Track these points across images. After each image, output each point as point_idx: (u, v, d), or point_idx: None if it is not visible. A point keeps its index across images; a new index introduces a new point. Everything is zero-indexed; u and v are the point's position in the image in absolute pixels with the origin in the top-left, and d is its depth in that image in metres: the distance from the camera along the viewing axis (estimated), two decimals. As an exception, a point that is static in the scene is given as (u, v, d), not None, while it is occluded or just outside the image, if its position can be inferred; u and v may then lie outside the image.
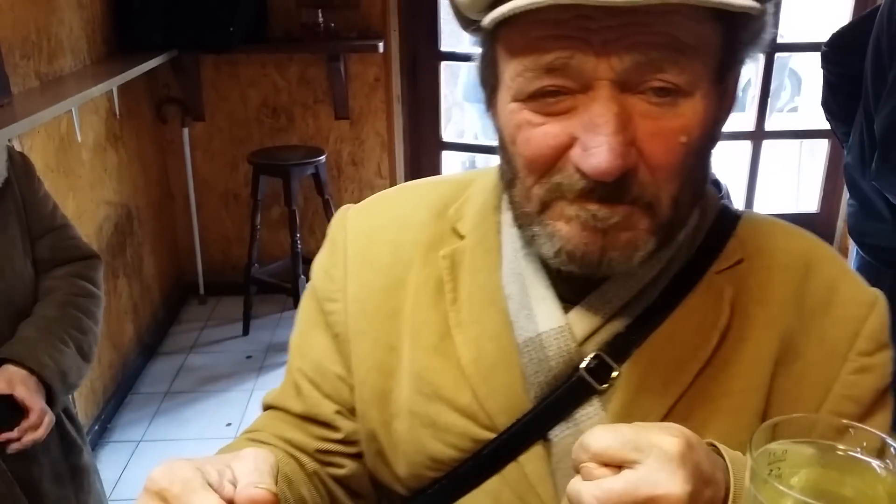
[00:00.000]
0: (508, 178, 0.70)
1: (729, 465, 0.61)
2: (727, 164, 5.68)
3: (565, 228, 0.66)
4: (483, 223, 0.80)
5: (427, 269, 0.80)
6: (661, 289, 0.73)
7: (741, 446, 0.65)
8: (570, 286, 0.74)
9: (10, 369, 1.39)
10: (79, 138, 2.82)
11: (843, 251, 4.06)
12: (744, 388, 0.72)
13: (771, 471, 0.54)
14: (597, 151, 0.60)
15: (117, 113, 3.23)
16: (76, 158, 2.85)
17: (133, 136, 3.46)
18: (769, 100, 4.28)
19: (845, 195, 4.07)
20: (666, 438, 0.57)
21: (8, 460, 1.40)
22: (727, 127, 0.72)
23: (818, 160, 4.52)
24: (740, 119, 5.66)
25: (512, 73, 0.65)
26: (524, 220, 0.70)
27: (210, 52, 3.64)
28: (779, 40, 4.09)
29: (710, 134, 0.66)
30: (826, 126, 2.47)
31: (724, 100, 0.68)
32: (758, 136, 4.23)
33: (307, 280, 0.91)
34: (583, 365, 0.72)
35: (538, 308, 0.74)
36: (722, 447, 0.63)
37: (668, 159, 0.63)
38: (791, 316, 0.74)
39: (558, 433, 0.74)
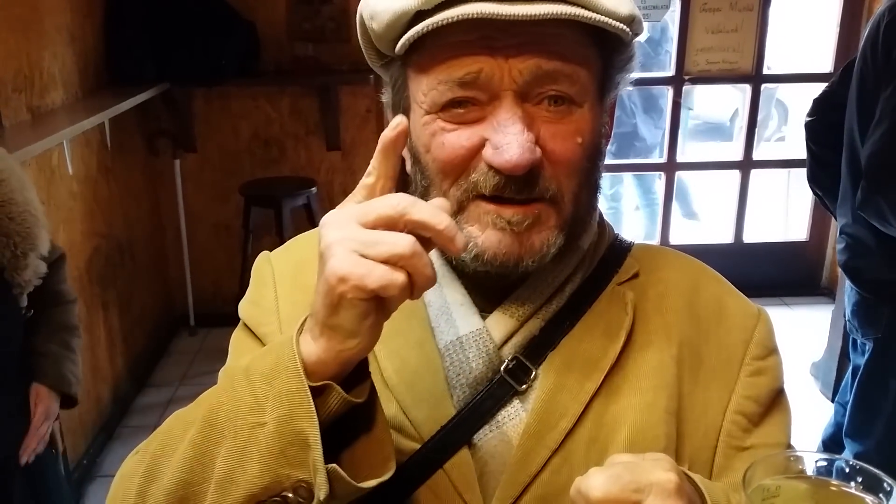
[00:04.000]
0: (423, 187, 0.76)
1: (704, 491, 0.63)
2: (716, 193, 5.73)
3: (482, 236, 0.72)
4: None
5: None
6: (570, 295, 0.80)
7: (656, 440, 0.74)
8: (485, 295, 0.79)
9: (45, 394, 1.71)
10: (70, 171, 2.82)
11: (833, 280, 4.08)
12: (652, 385, 0.77)
13: (765, 506, 0.54)
14: (507, 147, 0.68)
15: (109, 145, 3.23)
16: (67, 191, 2.85)
17: (124, 169, 3.46)
18: (756, 130, 4.33)
19: (834, 224, 4.11)
20: (662, 475, 0.58)
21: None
22: (715, 157, 0.76)
23: (806, 189, 4.55)
24: (728, 149, 5.73)
25: (425, 88, 0.72)
26: None
27: (202, 86, 3.66)
28: (765, 71, 4.14)
29: (598, 145, 0.76)
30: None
31: (606, 120, 0.78)
32: (746, 165, 4.27)
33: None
34: (503, 367, 0.76)
35: (457, 313, 0.78)
36: (689, 472, 0.65)
37: (567, 156, 0.71)
38: (686, 325, 0.80)
39: (481, 436, 0.76)
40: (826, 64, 4.15)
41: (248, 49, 3.66)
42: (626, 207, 5.22)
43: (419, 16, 0.68)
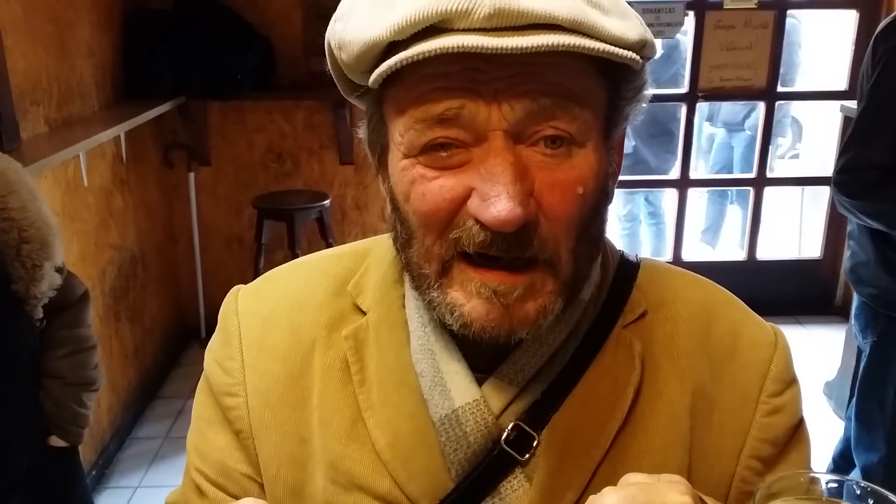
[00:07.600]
0: (404, 239, 0.68)
1: None
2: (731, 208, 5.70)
3: (467, 305, 0.64)
4: (385, 298, 0.77)
5: (331, 352, 0.76)
6: (573, 350, 0.73)
7: None
8: (482, 356, 0.71)
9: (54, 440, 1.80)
10: (85, 183, 2.85)
11: (848, 299, 4.04)
12: (663, 445, 0.72)
13: (775, 528, 0.53)
14: (496, 200, 0.59)
15: (124, 158, 3.26)
16: (82, 203, 2.87)
17: (139, 181, 3.49)
18: (770, 147, 4.32)
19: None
20: (678, 497, 0.56)
21: None
22: (731, 173, 0.72)
23: (820, 207, 4.54)
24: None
25: (402, 128, 0.63)
26: (422, 283, 0.67)
27: (218, 99, 3.69)
28: (779, 88, 4.13)
29: (604, 189, 0.66)
30: (828, 173, 2.47)
31: (613, 157, 0.69)
32: (759, 182, 4.26)
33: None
34: (503, 437, 0.70)
35: (452, 383, 0.71)
36: (703, 496, 0.62)
37: (566, 210, 0.62)
38: (700, 367, 0.74)
39: None
40: (841, 81, 4.14)
41: (264, 63, 3.70)
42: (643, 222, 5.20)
43: (393, 46, 0.60)
